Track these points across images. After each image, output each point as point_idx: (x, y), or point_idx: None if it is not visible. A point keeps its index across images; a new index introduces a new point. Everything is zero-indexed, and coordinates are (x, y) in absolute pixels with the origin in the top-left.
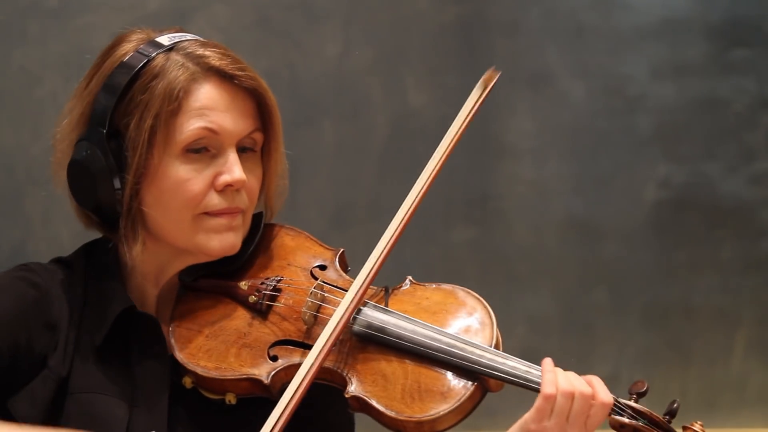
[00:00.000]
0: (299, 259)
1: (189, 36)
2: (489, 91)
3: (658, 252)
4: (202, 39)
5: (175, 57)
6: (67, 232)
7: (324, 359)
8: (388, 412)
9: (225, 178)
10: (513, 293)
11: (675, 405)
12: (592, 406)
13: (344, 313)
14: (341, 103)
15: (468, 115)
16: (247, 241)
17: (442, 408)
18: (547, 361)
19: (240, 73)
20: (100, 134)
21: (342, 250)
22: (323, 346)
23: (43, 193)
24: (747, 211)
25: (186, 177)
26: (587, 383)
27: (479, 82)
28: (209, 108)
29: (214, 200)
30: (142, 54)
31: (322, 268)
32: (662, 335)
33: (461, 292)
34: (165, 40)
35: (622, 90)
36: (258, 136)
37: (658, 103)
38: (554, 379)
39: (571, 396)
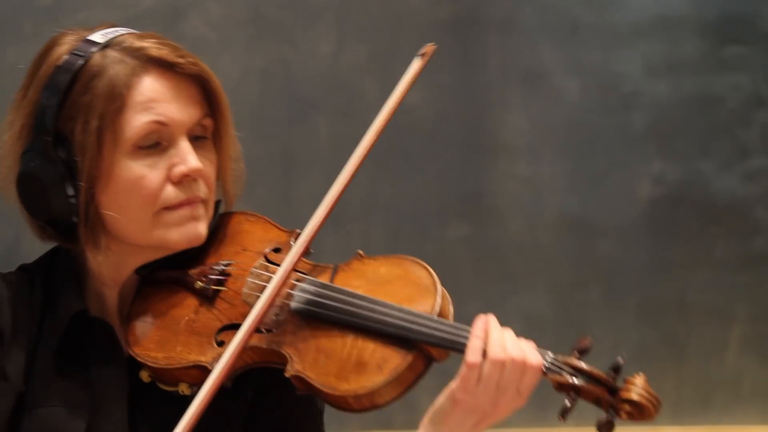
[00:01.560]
0: (255, 243)
1: (123, 30)
2: (426, 63)
3: (652, 249)
4: (137, 32)
5: (112, 53)
6: None
7: (248, 338)
8: (326, 389)
9: (180, 169)
10: (508, 290)
11: (620, 359)
12: (525, 373)
13: (272, 290)
14: (335, 100)
15: (405, 88)
16: None
17: (378, 380)
18: (478, 325)
19: (181, 60)
20: (45, 143)
21: (299, 231)
22: (249, 324)
23: None
24: (741, 208)
25: (140, 174)
26: (520, 349)
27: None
28: (154, 100)
29: (172, 194)
30: (77, 55)
31: (277, 251)
32: (657, 332)
33: (407, 262)
34: (99, 37)
35: (617, 87)
36: (208, 122)
37: (652, 100)
38: (479, 346)
39: (500, 364)
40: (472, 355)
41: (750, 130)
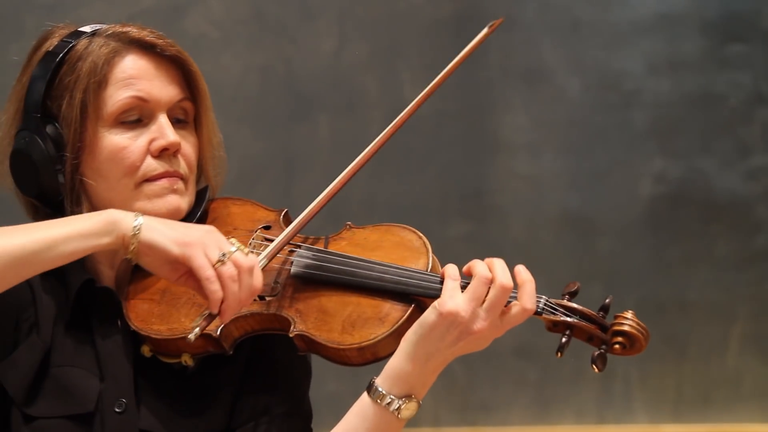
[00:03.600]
0: (245, 222)
1: (112, 25)
2: (490, 33)
3: (653, 247)
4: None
5: (98, 39)
6: None
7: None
8: (330, 344)
9: (160, 142)
10: None
11: (608, 300)
12: (513, 305)
13: (273, 251)
14: (337, 98)
15: (468, 51)
16: (191, 213)
17: (381, 332)
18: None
19: (159, 41)
20: (35, 120)
21: (286, 210)
22: (284, 236)
23: None
24: (742, 207)
25: (122, 145)
26: (513, 278)
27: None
28: (135, 77)
29: (153, 165)
30: (65, 42)
31: (267, 228)
32: (657, 330)
33: (397, 228)
34: (87, 29)
35: (618, 85)
36: (188, 106)
37: (653, 98)
38: (456, 268)
39: (485, 280)
40: (452, 269)
41: (751, 128)
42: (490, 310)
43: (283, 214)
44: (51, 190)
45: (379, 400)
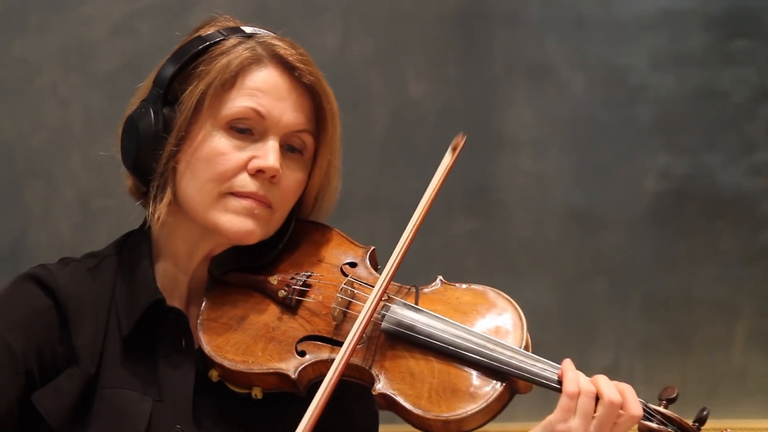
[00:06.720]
0: (330, 255)
1: (273, 35)
2: (458, 155)
3: (658, 243)
4: (285, 39)
5: (249, 42)
6: (66, 223)
7: (351, 356)
8: (416, 411)
9: (257, 163)
10: (513, 285)
11: (705, 413)
12: (621, 416)
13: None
14: (341, 94)
15: (441, 180)
16: (278, 236)
17: (470, 408)
18: (568, 362)
19: (302, 66)
20: (157, 94)
21: (373, 248)
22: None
23: (43, 181)
24: (747, 203)
25: (223, 150)
26: (618, 392)
27: (450, 148)
28: (262, 91)
29: (244, 181)
30: (220, 33)
31: (353, 265)
32: (662, 326)
33: (492, 293)
34: (248, 29)
35: (622, 81)
36: (308, 139)
37: (658, 94)
38: (576, 378)
39: (593, 395)
40: (571, 385)
41: (756, 123)
42: (601, 426)
43: (369, 252)
44: (145, 167)
45: None
